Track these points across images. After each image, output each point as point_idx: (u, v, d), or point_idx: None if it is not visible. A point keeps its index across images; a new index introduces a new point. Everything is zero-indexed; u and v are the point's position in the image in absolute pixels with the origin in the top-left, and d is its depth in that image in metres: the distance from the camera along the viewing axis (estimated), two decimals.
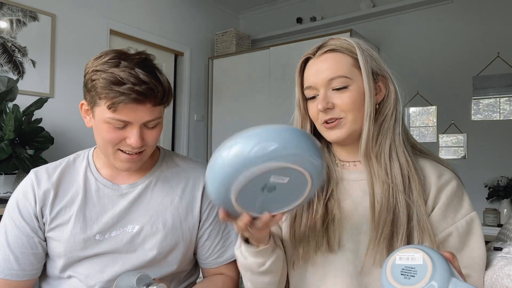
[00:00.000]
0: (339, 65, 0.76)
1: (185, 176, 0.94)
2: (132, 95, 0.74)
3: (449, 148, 2.94)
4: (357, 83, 0.76)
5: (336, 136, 0.78)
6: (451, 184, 0.75)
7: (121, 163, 0.83)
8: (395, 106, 0.77)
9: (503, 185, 2.62)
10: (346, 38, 0.80)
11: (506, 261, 0.70)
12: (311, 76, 0.79)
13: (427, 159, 0.79)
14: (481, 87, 2.83)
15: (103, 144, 0.82)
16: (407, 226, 0.71)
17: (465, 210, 0.74)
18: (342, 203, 0.79)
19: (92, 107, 0.80)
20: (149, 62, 0.81)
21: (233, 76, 3.57)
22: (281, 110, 3.23)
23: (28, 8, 2.44)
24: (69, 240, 0.83)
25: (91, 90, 0.78)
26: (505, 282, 0.67)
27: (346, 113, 0.76)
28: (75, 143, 2.62)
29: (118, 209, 0.86)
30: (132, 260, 0.85)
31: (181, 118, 3.63)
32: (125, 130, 0.79)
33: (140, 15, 3.18)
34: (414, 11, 3.17)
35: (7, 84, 2.11)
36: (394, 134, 0.76)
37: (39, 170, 0.89)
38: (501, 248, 0.79)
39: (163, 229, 0.87)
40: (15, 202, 0.86)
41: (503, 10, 2.80)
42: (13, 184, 2.15)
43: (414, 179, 0.73)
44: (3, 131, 1.95)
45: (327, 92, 0.77)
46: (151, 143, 0.83)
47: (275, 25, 3.93)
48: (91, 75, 0.78)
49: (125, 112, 0.76)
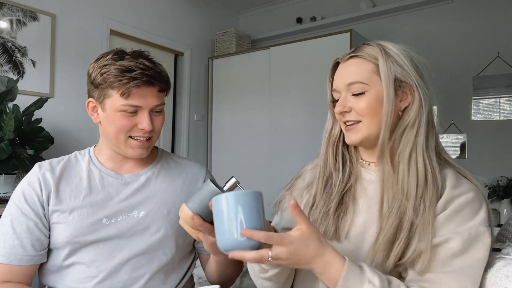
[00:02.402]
0: (359, 71, 0.78)
1: (185, 171, 1.02)
2: (143, 78, 0.84)
3: (449, 148, 2.94)
4: (375, 89, 0.77)
5: (351, 139, 0.81)
6: (465, 196, 0.72)
7: (133, 150, 0.90)
8: (418, 115, 0.76)
9: (503, 185, 2.62)
10: (378, 43, 0.81)
11: (505, 262, 0.70)
12: (336, 80, 0.83)
13: (451, 169, 0.78)
14: (481, 87, 2.83)
15: (115, 133, 0.88)
16: (408, 233, 0.71)
17: (474, 224, 0.69)
18: (357, 200, 0.82)
19: (102, 100, 0.88)
20: (147, 55, 0.91)
21: (233, 76, 3.57)
22: (281, 110, 3.23)
23: (28, 8, 2.44)
24: (76, 225, 0.86)
25: (101, 83, 0.86)
26: (503, 283, 0.67)
27: (363, 117, 0.78)
28: (75, 143, 2.62)
29: (123, 196, 0.92)
30: (139, 244, 0.89)
31: (181, 118, 3.63)
32: (137, 116, 0.87)
33: (140, 15, 3.18)
34: (414, 11, 3.16)
35: (7, 84, 2.11)
36: (416, 143, 0.75)
37: (42, 163, 0.94)
38: (500, 249, 0.79)
39: (168, 214, 0.93)
40: (21, 192, 0.89)
41: (503, 10, 2.80)
42: (13, 184, 2.15)
43: (429, 189, 0.72)
44: (3, 131, 1.95)
45: (347, 96, 0.80)
46: (158, 129, 0.92)
47: (275, 25, 3.93)
48: (98, 71, 0.86)
49: (136, 98, 0.85)
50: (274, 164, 3.25)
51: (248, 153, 3.45)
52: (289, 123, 3.17)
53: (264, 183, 3.14)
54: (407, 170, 0.74)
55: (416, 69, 0.79)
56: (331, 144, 0.87)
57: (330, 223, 0.80)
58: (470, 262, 0.67)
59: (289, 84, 3.18)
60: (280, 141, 3.23)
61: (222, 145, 3.65)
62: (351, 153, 0.88)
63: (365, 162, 0.86)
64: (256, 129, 3.40)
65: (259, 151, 3.36)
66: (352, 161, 0.87)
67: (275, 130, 3.26)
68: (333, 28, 3.51)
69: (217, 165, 3.66)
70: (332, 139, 0.87)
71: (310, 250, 0.63)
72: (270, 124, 3.30)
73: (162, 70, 0.90)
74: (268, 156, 3.29)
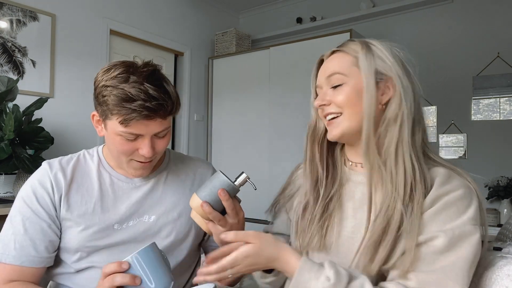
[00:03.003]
0: (339, 63, 0.79)
1: (192, 171, 1.02)
2: (143, 112, 0.77)
3: (449, 148, 2.94)
4: (354, 80, 0.77)
5: (332, 134, 0.79)
6: (454, 193, 0.69)
7: (134, 170, 0.89)
8: (400, 109, 0.74)
9: (503, 185, 2.62)
10: (363, 40, 0.81)
11: (506, 261, 0.70)
12: (319, 76, 0.83)
13: (443, 168, 0.74)
14: (481, 87, 2.83)
15: (117, 154, 0.86)
16: (395, 234, 0.68)
17: (461, 222, 0.66)
18: (344, 205, 0.80)
19: (104, 119, 0.84)
20: (157, 74, 0.83)
21: (233, 76, 3.57)
22: (281, 110, 3.23)
23: (28, 8, 2.44)
24: (88, 231, 0.85)
25: (102, 104, 0.81)
26: (504, 282, 0.67)
27: (343, 109, 0.77)
28: (75, 143, 2.62)
29: (133, 200, 0.91)
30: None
31: (181, 118, 3.64)
32: (137, 141, 0.83)
33: (140, 15, 3.18)
34: (414, 11, 3.17)
35: (7, 84, 2.11)
36: (401, 138, 0.73)
37: (52, 162, 0.91)
38: (500, 248, 0.80)
39: (178, 218, 0.93)
40: (31, 190, 0.86)
41: (503, 10, 2.80)
42: (13, 184, 2.15)
43: (417, 188, 0.70)
44: (3, 131, 1.95)
45: (327, 90, 0.80)
46: (161, 151, 0.88)
47: (275, 25, 3.93)
48: (101, 89, 0.81)
49: (136, 127, 0.80)
50: (274, 164, 3.25)
51: (248, 153, 3.45)
52: (289, 123, 3.17)
53: (264, 183, 3.14)
54: (395, 166, 0.72)
55: (399, 63, 0.77)
56: (316, 141, 0.85)
57: (314, 233, 0.78)
58: (453, 261, 0.64)
59: (289, 84, 3.18)
60: (280, 141, 3.23)
61: (222, 145, 3.65)
62: (337, 156, 0.86)
63: (351, 163, 0.84)
64: (256, 129, 3.40)
65: (259, 151, 3.36)
66: (337, 165, 0.85)
67: (275, 130, 3.26)
68: (333, 28, 3.51)
69: (217, 165, 3.65)
70: (316, 134, 0.85)
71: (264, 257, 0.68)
72: (270, 124, 3.30)
73: (166, 99, 0.80)
74: (268, 156, 3.29)
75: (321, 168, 0.83)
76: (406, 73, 0.77)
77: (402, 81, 0.75)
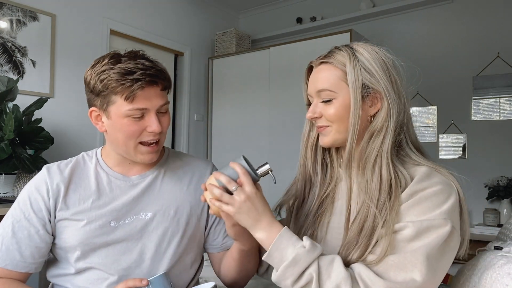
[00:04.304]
0: (328, 78, 0.80)
1: (190, 169, 1.01)
2: (146, 78, 0.82)
3: (449, 148, 2.94)
4: (343, 96, 0.79)
5: (323, 141, 0.84)
6: (430, 189, 0.71)
7: (142, 155, 0.89)
8: (385, 122, 0.76)
9: (503, 185, 2.62)
10: (348, 47, 0.81)
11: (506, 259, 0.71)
12: (309, 85, 0.85)
13: (426, 166, 0.76)
14: (481, 87, 2.83)
15: (124, 140, 0.86)
16: (368, 238, 0.72)
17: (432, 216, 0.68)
18: (335, 202, 0.86)
19: (106, 108, 0.85)
20: (143, 55, 0.88)
21: (233, 76, 3.57)
22: (281, 110, 3.23)
23: (28, 8, 2.44)
24: (85, 229, 0.86)
25: (103, 90, 0.83)
26: (505, 281, 0.67)
27: (332, 123, 0.81)
28: (75, 143, 2.62)
29: (130, 198, 0.91)
30: (148, 246, 0.89)
31: (181, 118, 3.64)
32: (144, 120, 0.85)
33: (140, 15, 3.18)
34: (414, 11, 3.17)
35: (7, 84, 2.11)
36: (382, 150, 0.76)
37: (51, 166, 0.93)
38: (501, 248, 0.80)
39: (175, 215, 0.93)
40: (27, 195, 0.89)
41: (503, 10, 2.80)
42: (13, 184, 2.15)
43: (394, 195, 0.72)
44: (3, 131, 1.95)
45: (317, 102, 0.83)
46: (165, 130, 0.91)
47: (275, 25, 3.93)
48: (97, 78, 0.83)
49: (141, 100, 0.83)
50: (274, 164, 3.24)
51: (248, 153, 3.45)
52: (289, 123, 3.17)
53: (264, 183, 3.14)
54: (371, 175, 0.75)
55: (386, 74, 0.78)
56: (309, 147, 0.90)
57: (307, 227, 0.85)
58: (417, 247, 0.66)
59: (289, 84, 3.18)
60: (280, 141, 3.23)
61: (222, 145, 3.65)
62: (332, 156, 0.91)
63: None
64: (256, 129, 3.40)
65: (259, 151, 3.36)
66: (332, 165, 0.90)
67: (275, 130, 3.26)
68: (333, 28, 3.51)
69: (217, 165, 3.65)
70: (310, 142, 0.90)
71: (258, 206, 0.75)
72: (270, 124, 3.30)
73: (162, 67, 0.88)
74: (268, 156, 3.29)
75: (312, 171, 0.90)
76: (394, 84, 0.78)
77: (389, 94, 0.77)
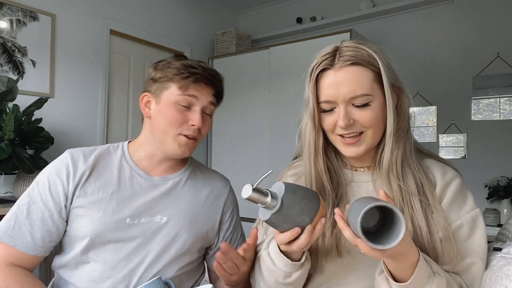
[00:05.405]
0: (361, 81, 0.72)
1: (210, 184, 1.03)
2: (204, 74, 0.90)
3: (449, 148, 2.94)
4: (378, 98, 0.74)
5: (355, 153, 0.76)
6: (455, 182, 0.77)
7: (179, 147, 0.91)
8: (408, 117, 0.78)
9: (503, 185, 2.62)
10: (365, 47, 0.74)
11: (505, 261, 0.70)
12: (330, 90, 0.74)
13: (431, 159, 0.82)
14: (481, 87, 2.83)
15: (165, 126, 0.90)
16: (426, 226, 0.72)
17: (469, 206, 0.76)
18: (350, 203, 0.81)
19: (159, 93, 0.91)
20: (207, 64, 0.97)
21: (233, 76, 3.57)
22: (281, 110, 3.23)
23: (28, 8, 2.44)
24: (100, 220, 0.86)
25: (162, 77, 0.90)
26: (504, 282, 0.67)
27: (367, 128, 0.75)
28: (75, 143, 2.62)
29: (149, 198, 0.91)
30: (157, 250, 0.89)
31: None
32: (189, 112, 0.90)
33: (140, 15, 3.18)
34: (414, 11, 3.16)
35: (7, 84, 2.11)
36: (406, 143, 0.76)
37: (75, 151, 0.93)
38: (500, 249, 0.80)
39: (189, 225, 0.93)
40: (46, 177, 0.88)
41: (503, 10, 2.80)
42: (13, 184, 2.15)
43: (425, 183, 0.75)
44: (3, 131, 1.95)
45: (349, 108, 0.74)
46: (204, 131, 0.94)
47: (275, 25, 3.93)
48: (161, 68, 0.91)
49: (194, 88, 0.89)
50: (274, 164, 3.25)
51: (248, 153, 3.45)
52: (289, 123, 3.16)
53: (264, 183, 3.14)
54: (402, 171, 0.75)
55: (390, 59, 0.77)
56: (320, 157, 0.81)
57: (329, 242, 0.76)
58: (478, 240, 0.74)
59: (289, 84, 3.17)
60: (280, 141, 3.23)
61: (222, 145, 3.65)
62: (332, 160, 0.85)
63: (352, 167, 0.85)
64: (256, 129, 3.40)
65: (259, 151, 3.36)
66: (336, 170, 0.83)
67: (275, 130, 3.26)
68: (333, 28, 3.51)
69: (217, 165, 3.66)
70: (320, 151, 0.81)
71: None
72: (270, 124, 3.30)
73: (221, 79, 0.96)
74: (268, 156, 3.29)
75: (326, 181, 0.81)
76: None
77: (406, 90, 0.78)
